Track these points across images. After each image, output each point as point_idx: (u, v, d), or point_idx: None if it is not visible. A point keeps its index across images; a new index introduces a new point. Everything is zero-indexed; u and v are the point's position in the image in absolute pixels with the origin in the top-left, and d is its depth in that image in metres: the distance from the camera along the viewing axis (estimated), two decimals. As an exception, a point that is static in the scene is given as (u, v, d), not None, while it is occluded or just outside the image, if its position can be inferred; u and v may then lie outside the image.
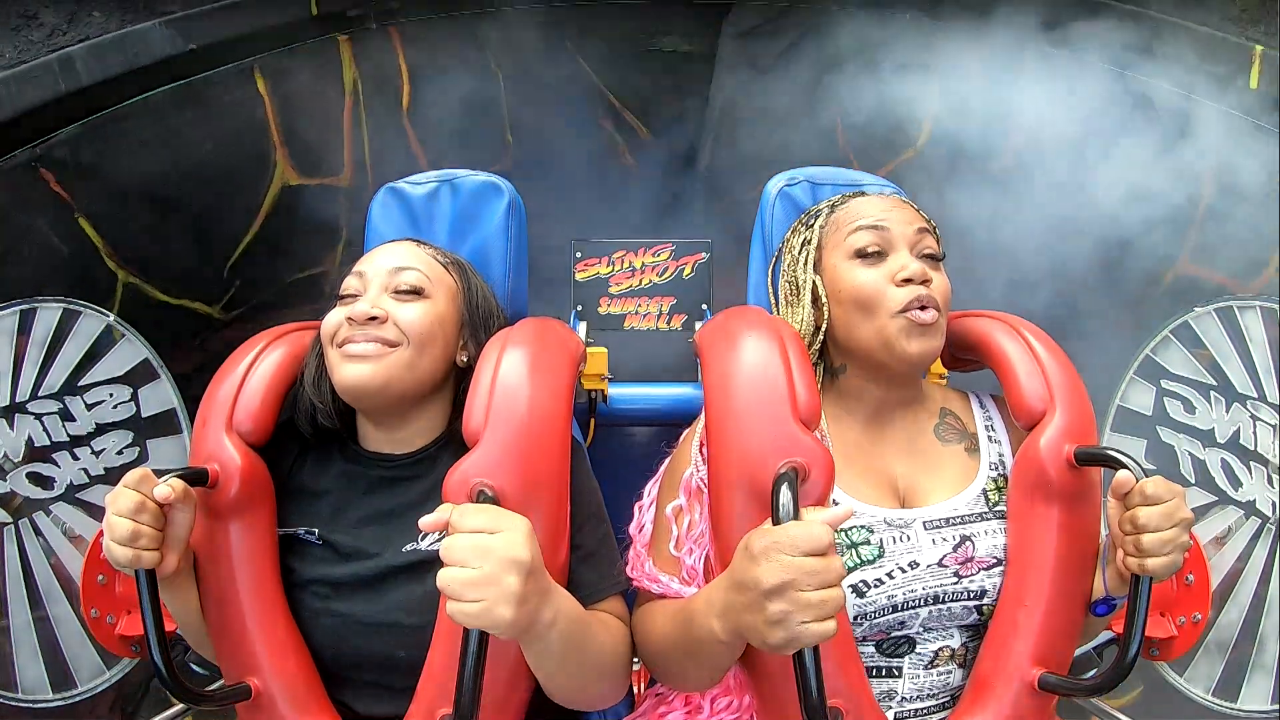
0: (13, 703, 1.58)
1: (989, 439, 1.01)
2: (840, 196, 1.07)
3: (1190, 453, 1.76)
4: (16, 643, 1.58)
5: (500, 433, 0.87)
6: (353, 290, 1.00)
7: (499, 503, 0.81)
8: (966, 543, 0.92)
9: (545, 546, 0.80)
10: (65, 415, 1.64)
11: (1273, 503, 1.70)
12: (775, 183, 1.19)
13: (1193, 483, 1.74)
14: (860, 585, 0.89)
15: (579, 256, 1.77)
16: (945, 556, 0.91)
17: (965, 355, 1.07)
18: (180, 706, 1.27)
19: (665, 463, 1.03)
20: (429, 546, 0.94)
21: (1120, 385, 1.80)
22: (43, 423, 1.62)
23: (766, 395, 0.88)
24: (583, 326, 1.73)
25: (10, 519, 1.59)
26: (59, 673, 1.61)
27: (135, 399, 1.70)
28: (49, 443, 1.62)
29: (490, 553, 0.70)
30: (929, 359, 0.95)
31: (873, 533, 0.91)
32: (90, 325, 1.66)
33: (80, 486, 1.65)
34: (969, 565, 0.91)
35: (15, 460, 1.59)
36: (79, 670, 1.62)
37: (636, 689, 1.07)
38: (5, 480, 1.59)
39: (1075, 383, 0.95)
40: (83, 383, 1.65)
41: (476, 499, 0.81)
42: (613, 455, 1.33)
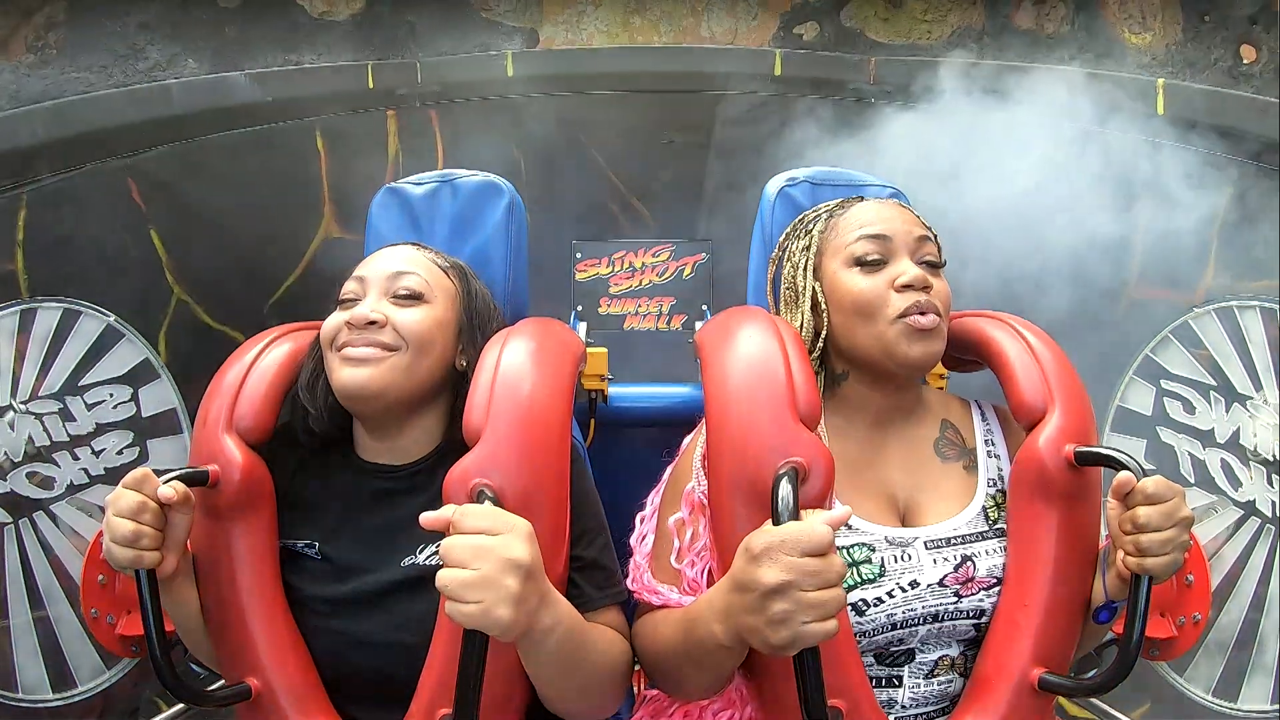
0: (13, 703, 1.58)
1: (988, 453, 1.00)
2: (840, 201, 1.07)
3: (1190, 453, 1.76)
4: (16, 643, 1.59)
5: (501, 429, 0.87)
6: (352, 294, 1.00)
7: (499, 503, 0.81)
8: (968, 563, 0.92)
9: (545, 545, 0.80)
10: (65, 415, 1.64)
11: (1273, 503, 1.70)
12: (775, 183, 1.19)
13: (1193, 483, 1.74)
14: (860, 604, 0.88)
15: (579, 257, 1.77)
16: (946, 576, 0.91)
17: (965, 355, 1.07)
18: (180, 706, 1.27)
19: (667, 472, 1.03)
20: (426, 561, 0.94)
21: (1120, 385, 1.81)
22: (43, 423, 1.62)
23: (767, 394, 0.87)
24: (582, 327, 1.73)
25: (10, 519, 1.59)
26: (59, 673, 1.61)
27: (135, 399, 1.70)
28: (49, 443, 1.62)
29: (490, 554, 0.70)
30: (930, 363, 0.95)
31: (874, 551, 0.91)
32: (90, 325, 1.66)
33: (80, 486, 1.65)
34: (970, 585, 0.91)
35: (15, 460, 1.59)
36: (79, 670, 1.63)
37: (637, 689, 1.07)
38: (5, 480, 1.59)
39: (1075, 383, 0.95)
40: (83, 383, 1.65)
41: (476, 499, 0.81)
42: (613, 456, 1.33)
